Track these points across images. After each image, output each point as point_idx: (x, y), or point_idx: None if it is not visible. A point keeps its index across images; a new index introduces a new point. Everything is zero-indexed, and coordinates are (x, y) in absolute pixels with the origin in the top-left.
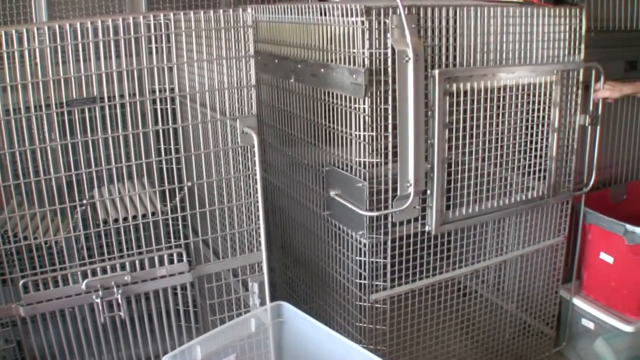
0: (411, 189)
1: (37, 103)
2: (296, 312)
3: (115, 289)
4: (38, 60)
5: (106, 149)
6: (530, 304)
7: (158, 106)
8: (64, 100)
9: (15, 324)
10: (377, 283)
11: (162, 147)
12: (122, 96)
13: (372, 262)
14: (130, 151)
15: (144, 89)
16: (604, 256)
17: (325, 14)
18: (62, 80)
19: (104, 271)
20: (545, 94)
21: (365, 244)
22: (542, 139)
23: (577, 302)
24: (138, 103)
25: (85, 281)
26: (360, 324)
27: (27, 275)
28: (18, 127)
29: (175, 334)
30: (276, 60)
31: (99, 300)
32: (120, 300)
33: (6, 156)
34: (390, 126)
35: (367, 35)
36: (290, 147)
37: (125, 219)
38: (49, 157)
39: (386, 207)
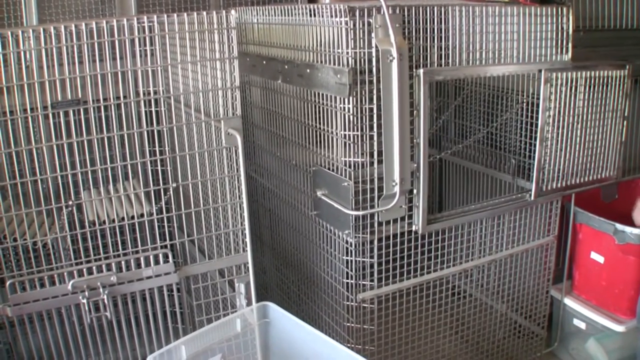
0: (397, 189)
1: (22, 106)
2: (282, 312)
3: (101, 290)
4: (23, 62)
5: (91, 152)
6: (521, 304)
7: (143, 108)
8: (49, 103)
9: (5, 325)
10: (364, 282)
11: (148, 148)
12: (106, 99)
13: (359, 261)
14: (117, 153)
15: (129, 91)
16: (594, 256)
17: (311, 15)
18: (46, 82)
19: (91, 272)
20: (532, 94)
21: (351, 244)
22: (529, 138)
23: (569, 302)
24: (123, 105)
25: (72, 281)
26: (348, 324)
27: (14, 276)
28: (3, 129)
29: (162, 335)
30: (264, 62)
31: (85, 301)
32: (106, 301)
33: None
34: (375, 126)
35: (351, 35)
36: (280, 148)
37: (112, 221)
38: (35, 158)
39: (372, 207)
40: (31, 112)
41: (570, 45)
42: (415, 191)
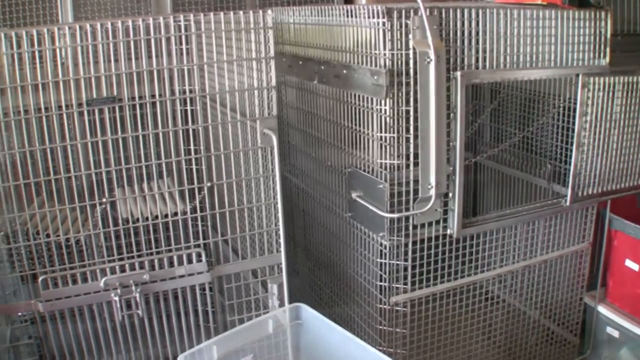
0: (432, 192)
1: (57, 103)
2: (314, 314)
3: (133, 287)
4: (58, 59)
5: (126, 150)
6: (554, 311)
7: (178, 107)
8: (84, 100)
9: (37, 320)
10: (397, 286)
11: (183, 147)
12: (141, 97)
13: (393, 264)
14: (152, 152)
15: (164, 89)
16: (629, 263)
17: (347, 16)
18: (82, 80)
19: (123, 270)
20: (568, 98)
21: (386, 246)
22: (565, 143)
23: (602, 309)
24: (158, 103)
25: (104, 279)
26: (380, 327)
27: (46, 272)
28: (38, 126)
29: (193, 334)
30: (300, 62)
31: (117, 298)
32: (138, 299)
33: (31, 154)
34: (411, 128)
35: (388, 37)
36: (315, 149)
37: (145, 219)
38: (70, 156)
39: (407, 210)
40: (66, 110)
41: (608, 49)
42: (450, 194)
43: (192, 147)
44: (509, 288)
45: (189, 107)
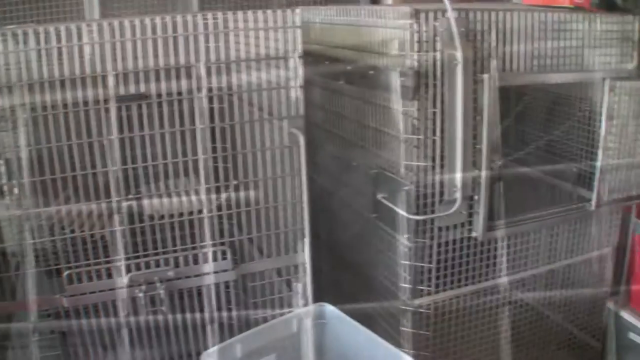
0: (458, 194)
1: (84, 99)
2: (339, 314)
3: (158, 284)
4: (86, 56)
5: (153, 146)
6: (576, 315)
7: (205, 105)
8: (111, 97)
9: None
10: (421, 288)
11: (209, 145)
12: (168, 94)
13: (417, 266)
14: (178, 149)
15: (191, 87)
16: None
17: (374, 17)
18: (109, 76)
19: (148, 266)
20: (594, 102)
21: (410, 248)
22: (591, 147)
23: (625, 315)
24: (186, 101)
25: (129, 275)
26: (404, 329)
27: (71, 267)
28: (64, 122)
29: (216, 332)
30: (327, 62)
31: (141, 295)
32: (162, 296)
33: (57, 149)
34: (438, 130)
35: (415, 38)
36: (340, 150)
37: (171, 216)
38: (96, 152)
39: (432, 211)
40: (93, 106)
41: (635, 54)
42: (476, 197)
43: (218, 144)
44: (532, 292)
45: (215, 105)
